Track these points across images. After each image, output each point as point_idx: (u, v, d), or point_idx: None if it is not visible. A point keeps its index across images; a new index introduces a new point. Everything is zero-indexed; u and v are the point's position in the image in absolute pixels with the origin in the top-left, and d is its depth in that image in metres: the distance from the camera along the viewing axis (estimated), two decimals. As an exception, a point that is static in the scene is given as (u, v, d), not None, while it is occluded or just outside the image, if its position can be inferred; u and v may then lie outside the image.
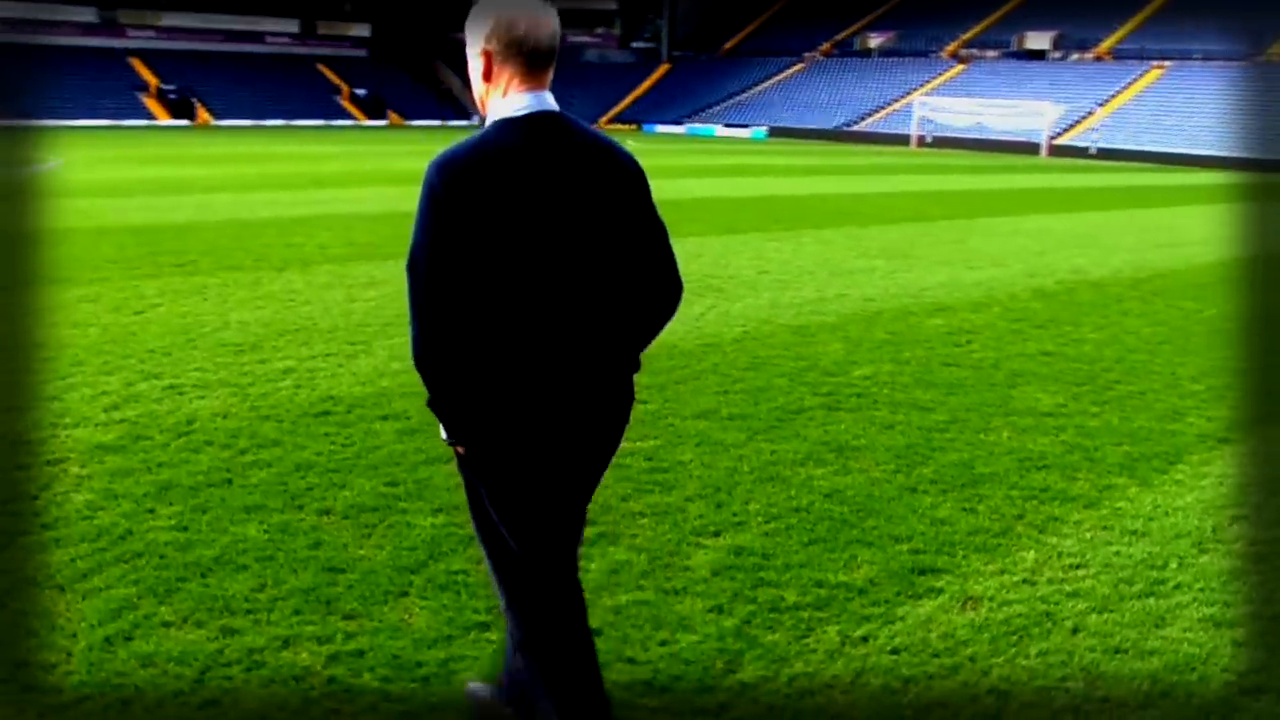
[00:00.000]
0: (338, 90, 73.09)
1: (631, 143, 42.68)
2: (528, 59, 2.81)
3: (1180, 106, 65.05)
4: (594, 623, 4.08)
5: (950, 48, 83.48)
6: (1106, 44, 76.59)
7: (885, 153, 54.11)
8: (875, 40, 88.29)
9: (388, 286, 11.15)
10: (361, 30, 79.46)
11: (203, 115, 63.94)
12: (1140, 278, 13.95)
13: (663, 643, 4.15)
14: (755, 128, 76.86)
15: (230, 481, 5.54)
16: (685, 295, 3.18)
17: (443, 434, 2.89)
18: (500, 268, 2.70)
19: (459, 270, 2.69)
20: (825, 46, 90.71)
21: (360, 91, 72.84)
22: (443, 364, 2.74)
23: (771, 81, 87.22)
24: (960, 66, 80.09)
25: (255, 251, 13.18)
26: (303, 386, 7.35)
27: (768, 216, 19.45)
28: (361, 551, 4.78)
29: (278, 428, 6.45)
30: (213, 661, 3.84)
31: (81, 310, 9.47)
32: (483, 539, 3.05)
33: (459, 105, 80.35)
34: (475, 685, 3.55)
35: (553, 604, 3.02)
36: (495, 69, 2.83)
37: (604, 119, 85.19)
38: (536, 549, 2.96)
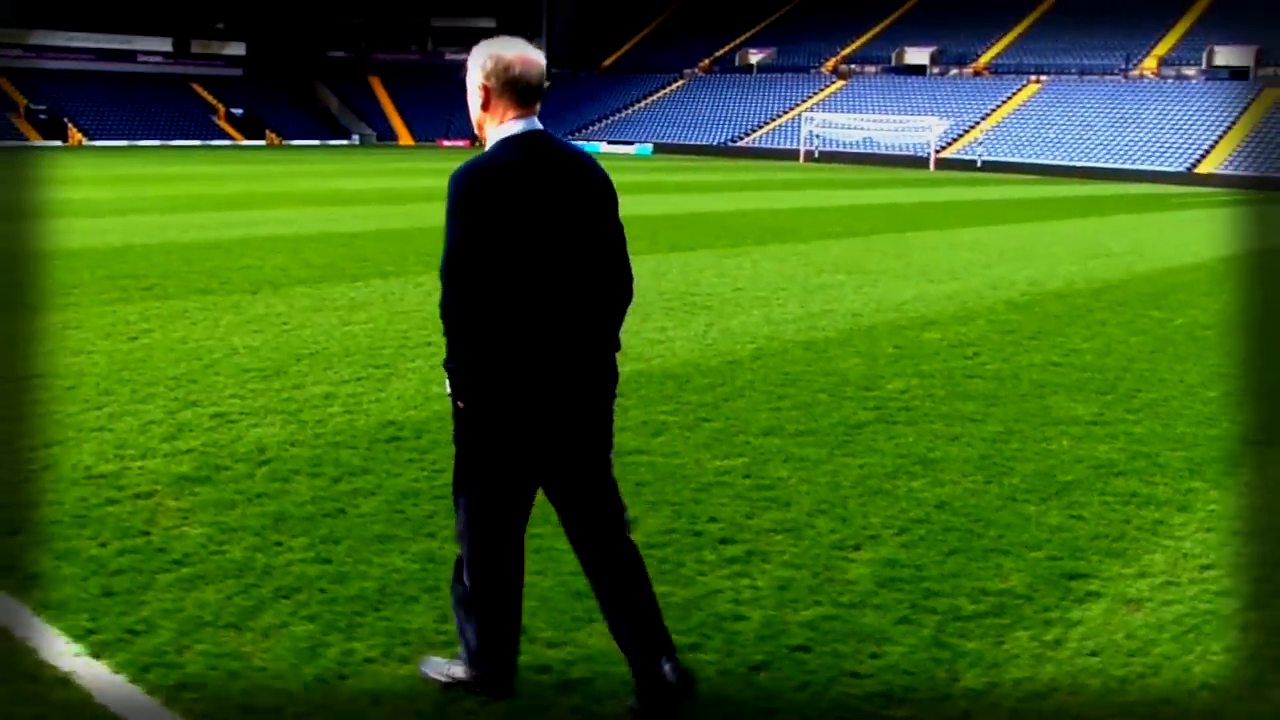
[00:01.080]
0: (214, 110, 71.33)
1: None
2: (520, 94, 3.36)
3: (1059, 119, 67.45)
4: (797, 639, 4.06)
5: (830, 63, 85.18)
6: (984, 59, 79.01)
7: (778, 167, 54.94)
8: (755, 56, 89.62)
9: (374, 309, 10.89)
10: (236, 49, 77.71)
11: (75, 136, 61.72)
12: (1095, 288, 14.36)
13: (873, 655, 4.11)
14: (640, 144, 77.30)
15: (344, 511, 5.31)
16: (681, 311, 4.03)
17: (447, 388, 3.38)
18: (511, 252, 3.26)
19: (482, 253, 3.23)
20: (705, 63, 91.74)
21: (236, 111, 71.22)
22: (465, 329, 3.27)
23: (653, 98, 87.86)
24: (841, 82, 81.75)
25: (214, 274, 12.74)
26: (353, 412, 7.11)
27: (706, 234, 19.53)
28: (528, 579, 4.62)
29: (356, 454, 6.22)
30: (441, 695, 3.67)
31: (72, 338, 9.03)
32: (462, 480, 3.49)
33: (338, 125, 79.11)
34: (426, 660, 3.83)
35: (508, 543, 3.53)
36: (493, 101, 3.37)
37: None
38: (508, 494, 3.46)
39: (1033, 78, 74.97)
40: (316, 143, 71.69)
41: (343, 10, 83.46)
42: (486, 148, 3.38)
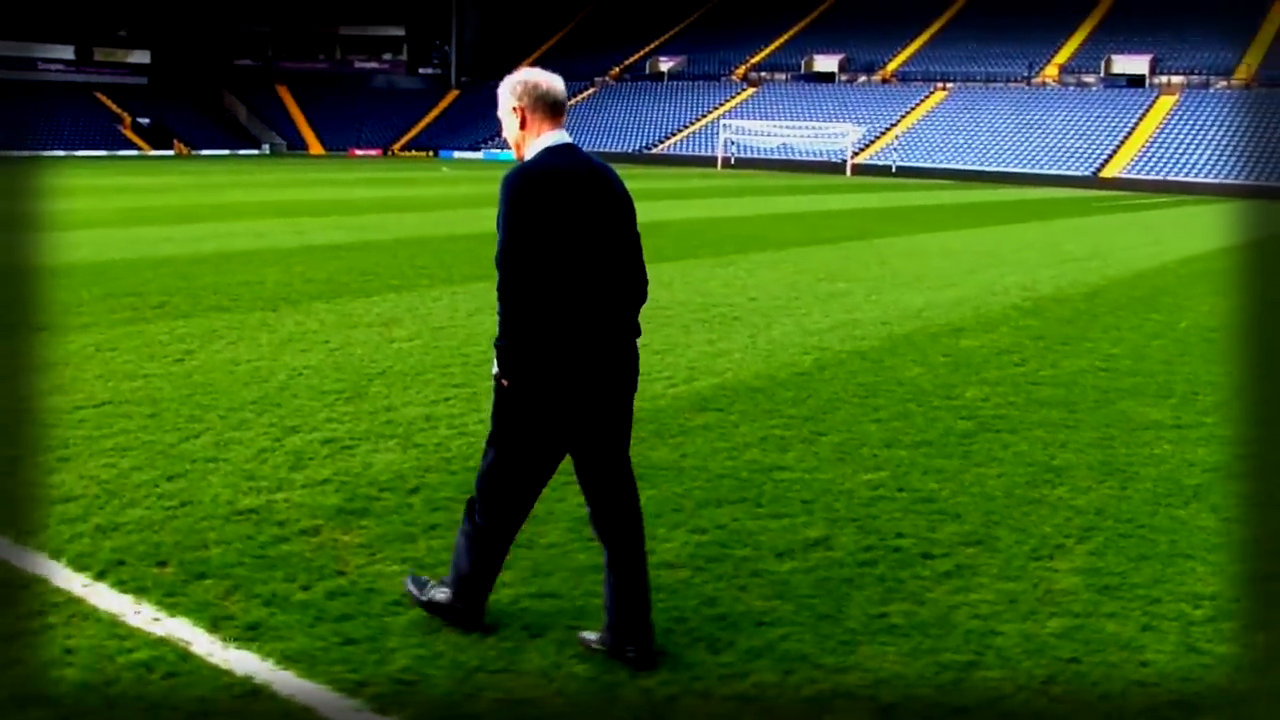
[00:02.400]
0: (119, 119, 69.34)
1: (446, 168, 42.20)
2: (551, 108, 3.88)
3: (967, 125, 68.87)
4: (1065, 652, 4.07)
5: (740, 70, 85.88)
6: (891, 66, 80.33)
7: (701, 174, 55.23)
8: (666, 64, 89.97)
9: (409, 325, 10.64)
10: (141, 57, 75.70)
11: (-28, 147, 59.43)
12: (1084, 293, 14.62)
13: (1143, 664, 4.15)
14: (556, 152, 76.84)
15: (533, 542, 5.13)
16: (716, 323, 6.83)
17: (495, 369, 3.84)
18: (555, 245, 3.70)
19: (532, 245, 3.68)
20: (615, 71, 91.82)
21: (143, 120, 69.39)
22: (518, 310, 3.71)
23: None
24: (752, 89, 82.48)
25: (219, 290, 12.35)
26: (466, 434, 6.91)
27: (683, 243, 19.46)
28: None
29: (555, 479, 6.00)
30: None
31: (115, 361, 8.64)
32: (497, 445, 3.96)
33: (247, 134, 77.54)
34: (586, 634, 4.14)
35: (523, 502, 4.04)
36: (529, 118, 3.87)
37: (398, 145, 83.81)
38: (537, 460, 3.94)
39: (939, 85, 76.48)
40: (225, 152, 70.14)
41: (249, 18, 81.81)
42: (526, 159, 3.83)
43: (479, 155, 78.11)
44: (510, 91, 3.91)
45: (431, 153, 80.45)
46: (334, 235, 18.73)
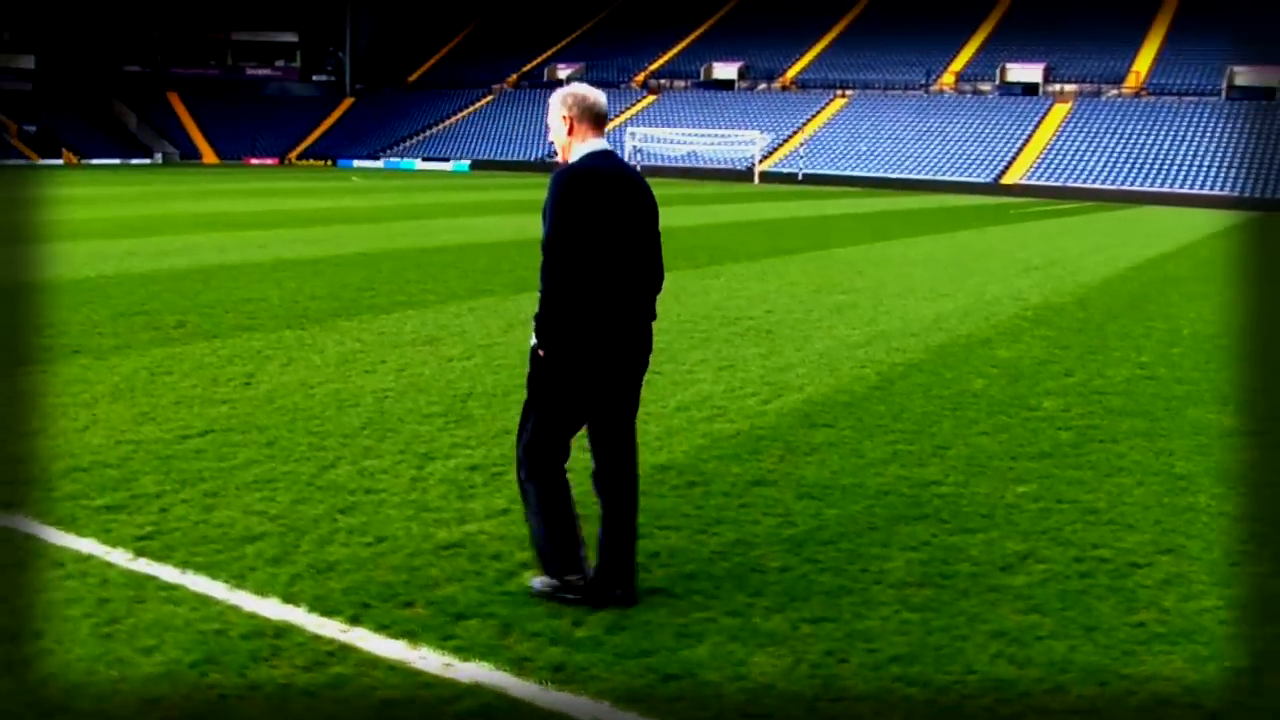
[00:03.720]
0: (4, 127, 66.63)
1: (355, 178, 41.50)
2: (595, 119, 4.42)
3: (869, 133, 70.06)
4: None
5: (639, 78, 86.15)
6: (791, 73, 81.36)
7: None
8: (564, 71, 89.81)
9: (453, 344, 10.41)
10: (26, 62, 72.83)
11: None
12: (1071, 303, 14.87)
13: None
14: (456, 160, 76.40)
15: (808, 577, 5.05)
16: (751, 336, 9.63)
17: (533, 340, 4.35)
18: (596, 235, 4.25)
19: (576, 238, 4.21)
20: (513, 78, 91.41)
21: (29, 128, 66.77)
22: (558, 291, 4.23)
23: (463, 113, 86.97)
24: (652, 96, 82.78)
25: (231, 308, 11.95)
26: (600, 454, 6.76)
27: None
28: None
29: (688, 502, 5.94)
30: None
31: (180, 386, 8.28)
32: (535, 409, 4.45)
33: (138, 142, 75.25)
34: (534, 580, 4.65)
35: (560, 460, 4.51)
36: (575, 126, 4.41)
37: (294, 153, 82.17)
38: (561, 417, 4.43)
39: (839, 92, 77.69)
40: (117, 161, 67.91)
41: (138, 22, 79.35)
42: (571, 161, 4.39)
43: (379, 164, 77.00)
44: (561, 102, 4.42)
45: (329, 161, 79.08)
46: (297, 249, 18.26)
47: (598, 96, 4.45)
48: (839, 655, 4.21)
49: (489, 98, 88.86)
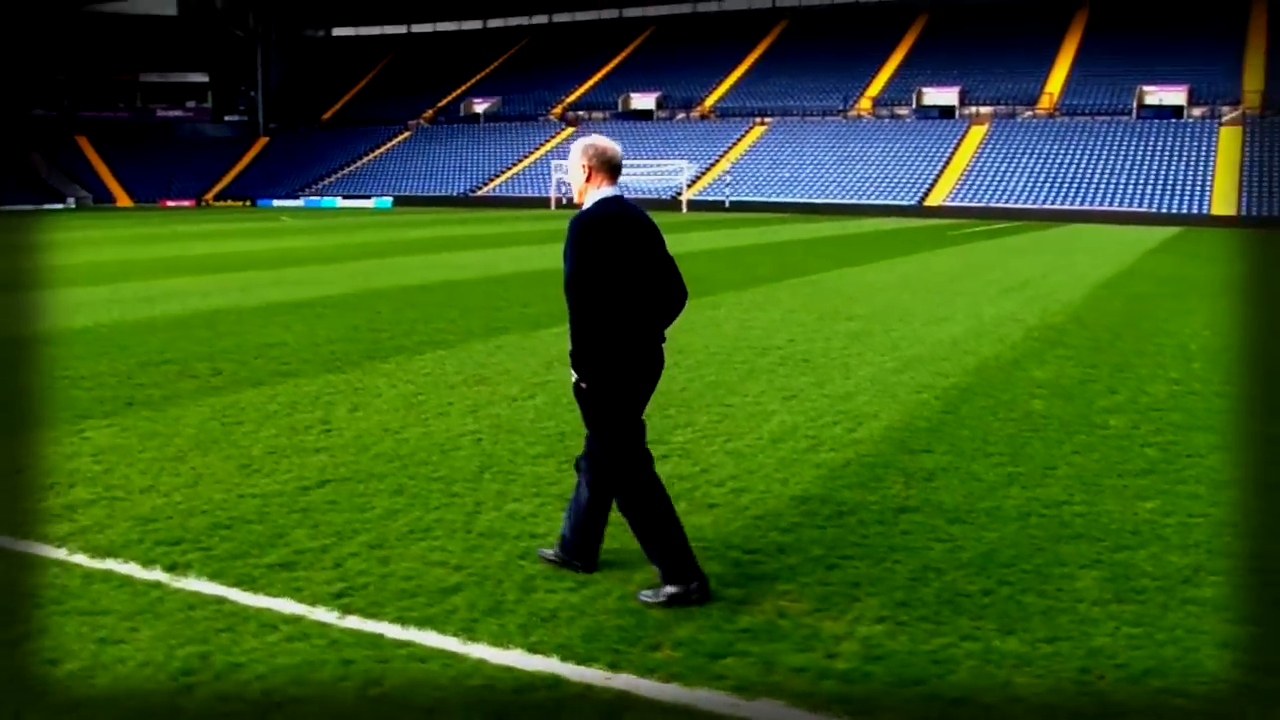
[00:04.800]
0: (-91, 175, 64.64)
1: (285, 218, 41.05)
2: (611, 169, 4.90)
3: (790, 159, 70.96)
4: None
5: (557, 110, 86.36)
6: (709, 101, 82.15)
7: (545, 215, 55.17)
8: (480, 105, 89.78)
9: (507, 381, 10.32)
10: (-70, 107, 70.85)
11: None
12: (1066, 321, 15.19)
13: None
14: (378, 197, 75.83)
15: (1006, 604, 5.09)
16: (792, 366, 10.03)
17: (573, 376, 4.79)
18: (615, 273, 4.69)
19: (596, 275, 4.65)
20: (429, 113, 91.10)
21: (-65, 174, 64.82)
22: (588, 330, 4.68)
23: (381, 150, 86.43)
24: (570, 129, 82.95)
25: (257, 353, 11.72)
26: (748, 491, 6.78)
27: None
28: None
29: (849, 533, 5.95)
30: None
31: (260, 434, 8.09)
32: (603, 439, 4.90)
33: (48, 187, 73.44)
34: (543, 549, 5.36)
35: (637, 462, 4.92)
36: (592, 174, 4.88)
37: (211, 195, 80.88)
38: (627, 434, 4.89)
39: (758, 120, 78.62)
40: (30, 206, 66.13)
41: (44, 66, 77.56)
42: (585, 206, 4.84)
43: (300, 203, 76.10)
44: (582, 152, 4.90)
45: (249, 202, 77.93)
46: (282, 291, 17.98)
47: (615, 148, 4.93)
48: (1095, 672, 4.26)
49: (406, 134, 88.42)
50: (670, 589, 4.83)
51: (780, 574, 5.33)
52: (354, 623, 4.65)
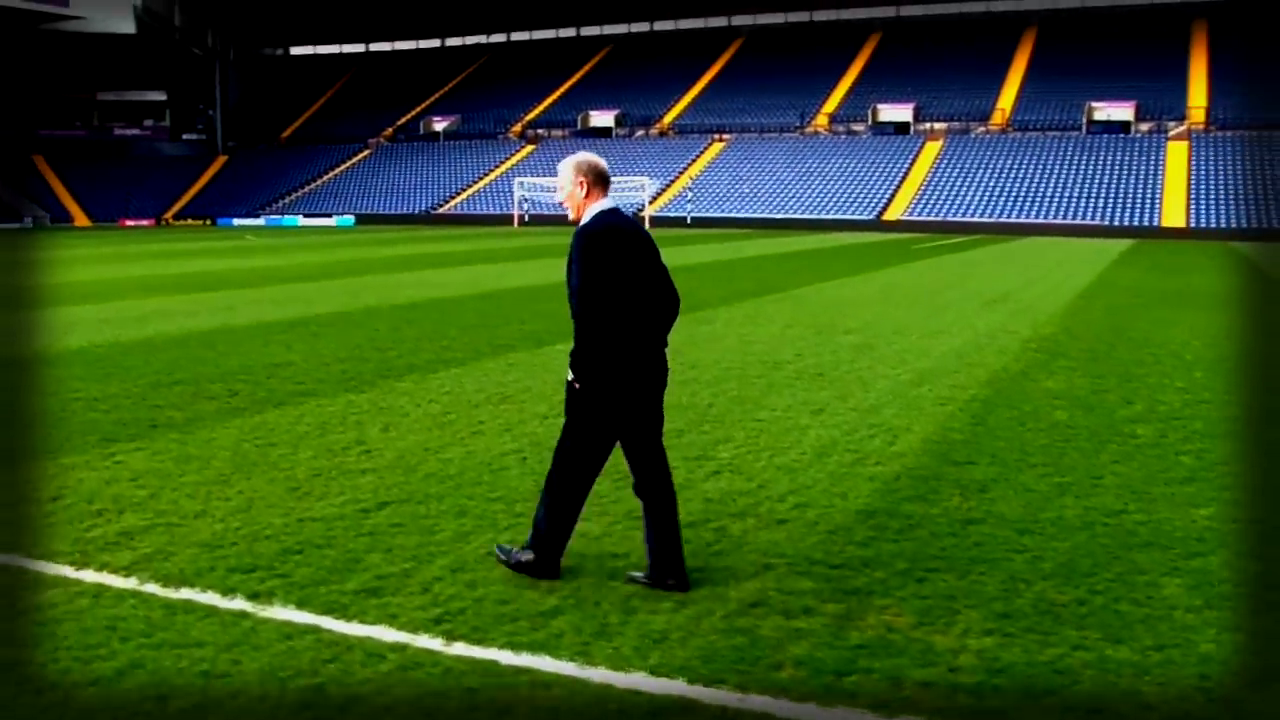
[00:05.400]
0: None
1: (249, 236, 40.82)
2: (605, 183, 5.18)
3: (750, 175, 71.35)
4: None
5: (516, 128, 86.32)
6: (668, 118, 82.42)
7: (512, 233, 55.11)
8: (439, 124, 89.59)
9: (529, 400, 10.26)
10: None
11: None
12: (1057, 333, 15.35)
13: None
14: (340, 216, 75.39)
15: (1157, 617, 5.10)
16: (809, 380, 10.50)
17: (569, 376, 5.04)
18: (618, 281, 4.95)
19: (601, 284, 4.91)
20: (388, 132, 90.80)
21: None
22: (591, 335, 4.93)
23: (341, 168, 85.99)
24: (530, 146, 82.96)
25: (268, 373, 11.55)
26: (810, 506, 6.78)
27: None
28: None
29: (959, 543, 5.96)
30: None
31: (297, 457, 7.98)
32: (572, 434, 5.16)
33: (7, 207, 72.35)
34: (632, 572, 5.36)
35: (590, 475, 5.22)
36: (590, 189, 5.14)
37: (170, 213, 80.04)
38: (597, 437, 5.12)
39: (716, 136, 79.01)
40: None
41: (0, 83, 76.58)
42: (585, 219, 5.09)
43: (261, 222, 75.47)
44: (576, 169, 5.15)
45: (209, 221, 77.18)
46: (271, 310, 17.80)
47: (603, 164, 5.25)
48: (1213, 679, 4.28)
49: (366, 152, 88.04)
50: (527, 555, 5.30)
51: (871, 588, 5.32)
52: (461, 649, 4.57)
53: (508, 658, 4.49)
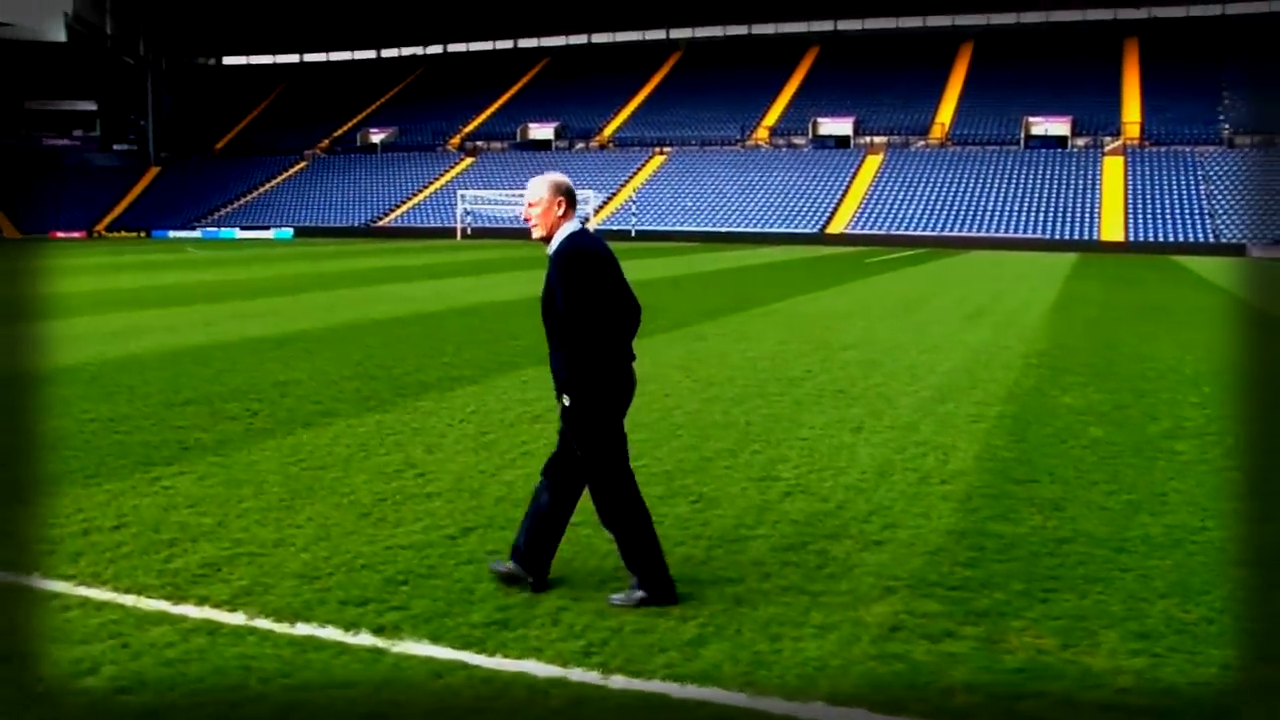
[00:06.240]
0: None
1: (190, 249, 40.10)
2: (574, 204, 5.27)
3: (691, 188, 71.58)
4: None
5: (455, 140, 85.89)
6: (607, 131, 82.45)
7: (457, 246, 54.77)
8: (377, 135, 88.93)
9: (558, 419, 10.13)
10: None
11: None
12: (1051, 348, 15.48)
13: None
14: (278, 228, 74.46)
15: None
16: (832, 400, 10.56)
17: (565, 401, 5.14)
18: (602, 302, 5.09)
19: (590, 306, 5.04)
20: (325, 143, 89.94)
21: None
22: (587, 358, 5.05)
23: (277, 180, 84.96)
24: (470, 159, 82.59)
25: (282, 392, 11.27)
26: (898, 526, 6.75)
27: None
28: None
29: (1064, 562, 5.97)
30: None
31: (352, 483, 7.82)
32: (593, 461, 5.24)
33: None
34: (496, 563, 5.60)
35: (623, 477, 5.28)
36: (566, 209, 5.22)
37: (102, 225, 78.45)
38: (613, 449, 5.24)
39: (657, 150, 79.22)
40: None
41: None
42: (557, 240, 5.20)
43: (196, 234, 74.24)
44: (554, 189, 5.23)
45: (143, 233, 75.75)
46: (253, 326, 17.46)
47: (571, 184, 5.33)
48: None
49: (302, 164, 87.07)
50: (641, 594, 5.20)
51: (999, 610, 5.31)
52: (622, 682, 4.47)
53: (675, 690, 4.41)
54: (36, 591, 5.54)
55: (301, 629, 5.06)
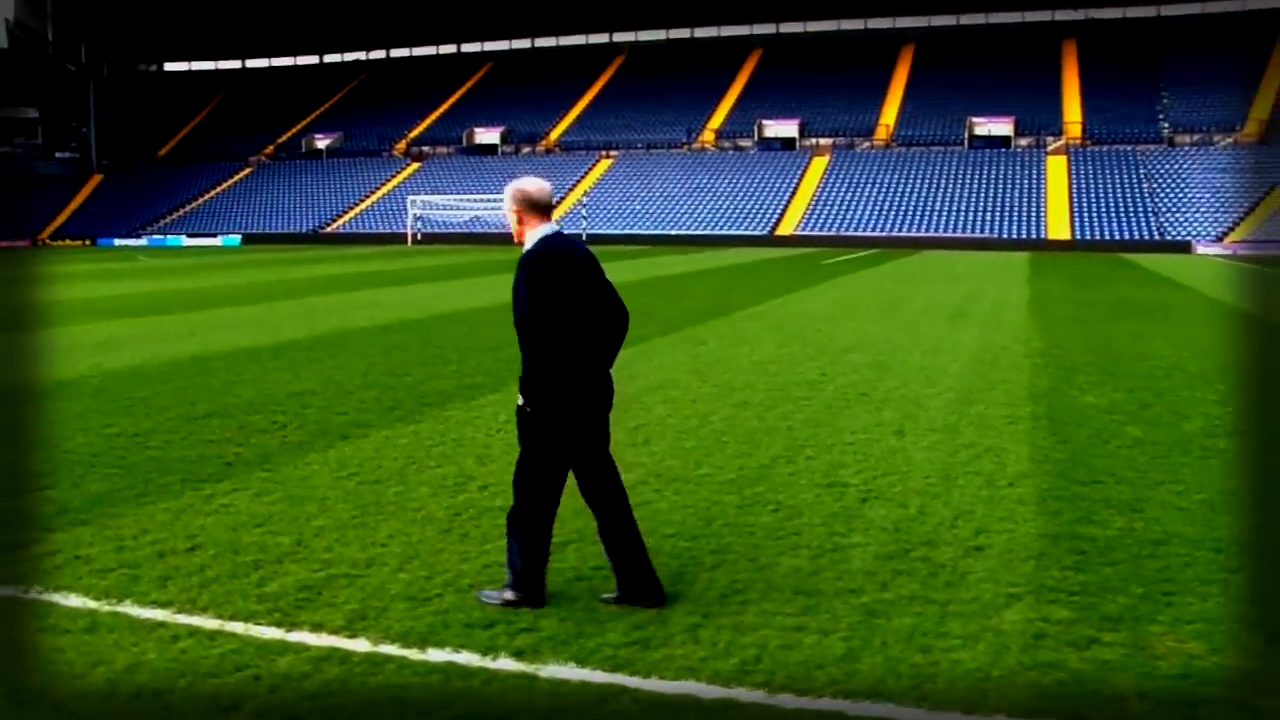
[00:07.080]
0: None
1: (142, 257, 39.52)
2: (541, 208, 5.20)
3: (639, 192, 71.55)
4: None
5: (401, 145, 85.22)
6: (554, 135, 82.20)
7: (414, 252, 54.33)
8: (322, 141, 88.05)
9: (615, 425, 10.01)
10: None
11: None
12: (1048, 348, 15.64)
13: None
14: (225, 235, 73.42)
15: None
16: (868, 403, 10.18)
17: (520, 400, 5.12)
18: (562, 304, 5.01)
19: (546, 308, 4.97)
20: (269, 149, 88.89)
21: None
22: (539, 359, 4.99)
23: (222, 187, 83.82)
24: (416, 164, 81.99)
25: (302, 404, 11.02)
26: (990, 531, 6.74)
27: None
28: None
29: (1170, 565, 5.98)
30: None
31: (412, 498, 7.69)
32: (527, 459, 5.23)
33: None
34: (605, 595, 5.42)
35: (551, 503, 5.26)
36: (524, 216, 5.19)
37: (46, 234, 76.87)
38: (551, 459, 5.17)
39: (603, 153, 79.13)
40: None
41: None
42: (527, 246, 5.15)
43: (143, 242, 72.98)
44: (510, 198, 5.20)
45: (89, 241, 74.32)
46: (243, 335, 17.11)
47: (541, 188, 5.21)
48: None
49: (247, 170, 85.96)
50: (510, 594, 5.29)
51: (1131, 614, 5.31)
52: (790, 700, 4.40)
53: (848, 706, 4.34)
54: (138, 620, 5.34)
55: (435, 655, 4.91)
